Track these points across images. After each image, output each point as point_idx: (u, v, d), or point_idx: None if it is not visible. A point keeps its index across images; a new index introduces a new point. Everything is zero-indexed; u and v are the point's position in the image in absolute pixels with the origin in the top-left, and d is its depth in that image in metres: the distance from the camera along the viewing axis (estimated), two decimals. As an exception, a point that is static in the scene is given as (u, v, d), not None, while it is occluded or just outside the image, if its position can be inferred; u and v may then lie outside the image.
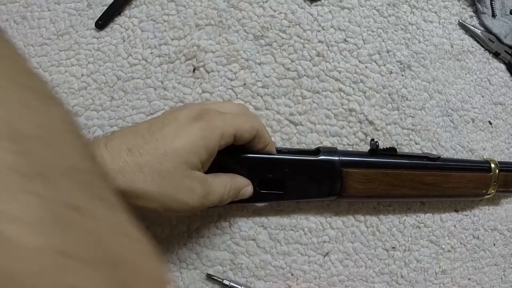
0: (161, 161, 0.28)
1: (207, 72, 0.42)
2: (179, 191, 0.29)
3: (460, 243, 0.44)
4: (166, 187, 0.29)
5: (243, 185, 0.34)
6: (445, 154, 0.44)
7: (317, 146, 0.40)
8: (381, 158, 0.38)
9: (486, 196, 0.42)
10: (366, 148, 0.42)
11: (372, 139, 0.38)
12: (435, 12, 0.48)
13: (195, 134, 0.30)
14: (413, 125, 0.44)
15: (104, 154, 0.28)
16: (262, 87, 0.43)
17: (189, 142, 0.29)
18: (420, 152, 0.44)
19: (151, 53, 0.43)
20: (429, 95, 0.45)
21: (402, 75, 0.45)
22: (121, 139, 0.30)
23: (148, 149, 0.29)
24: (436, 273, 0.42)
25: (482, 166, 0.41)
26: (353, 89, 0.44)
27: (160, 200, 0.29)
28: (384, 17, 0.46)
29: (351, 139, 0.42)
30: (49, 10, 0.44)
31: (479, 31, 0.48)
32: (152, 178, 0.28)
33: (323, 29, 0.45)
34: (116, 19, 0.44)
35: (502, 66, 0.48)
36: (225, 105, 0.34)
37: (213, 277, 0.38)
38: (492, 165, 0.41)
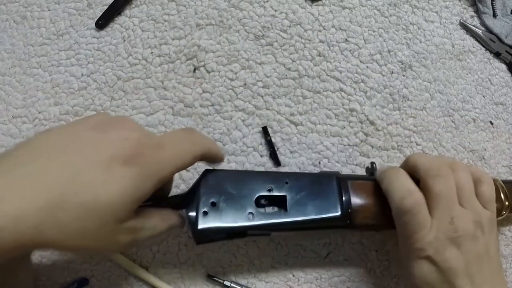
0: (86, 218, 0.24)
1: (208, 72, 0.42)
2: (105, 246, 0.26)
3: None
4: (91, 243, 0.25)
5: (173, 223, 0.31)
6: (447, 155, 0.44)
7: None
8: None
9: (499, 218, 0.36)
10: (367, 149, 0.42)
11: (372, 163, 0.37)
12: (436, 12, 0.48)
13: (126, 186, 0.25)
14: (414, 125, 0.44)
15: (10, 212, 0.22)
16: (263, 87, 0.42)
17: (118, 196, 0.24)
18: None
19: (151, 53, 0.43)
20: (430, 95, 0.45)
21: (403, 75, 0.45)
22: (31, 179, 0.23)
23: (70, 206, 0.23)
24: (437, 274, 0.41)
25: None
26: (354, 89, 0.44)
27: (83, 252, 0.28)
28: (385, 17, 0.46)
29: (351, 139, 0.42)
30: (49, 10, 0.44)
31: (480, 31, 0.48)
32: (75, 235, 0.24)
33: (324, 29, 0.45)
34: (116, 18, 0.44)
35: (503, 66, 0.48)
36: (166, 137, 0.29)
37: (214, 278, 0.38)
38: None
